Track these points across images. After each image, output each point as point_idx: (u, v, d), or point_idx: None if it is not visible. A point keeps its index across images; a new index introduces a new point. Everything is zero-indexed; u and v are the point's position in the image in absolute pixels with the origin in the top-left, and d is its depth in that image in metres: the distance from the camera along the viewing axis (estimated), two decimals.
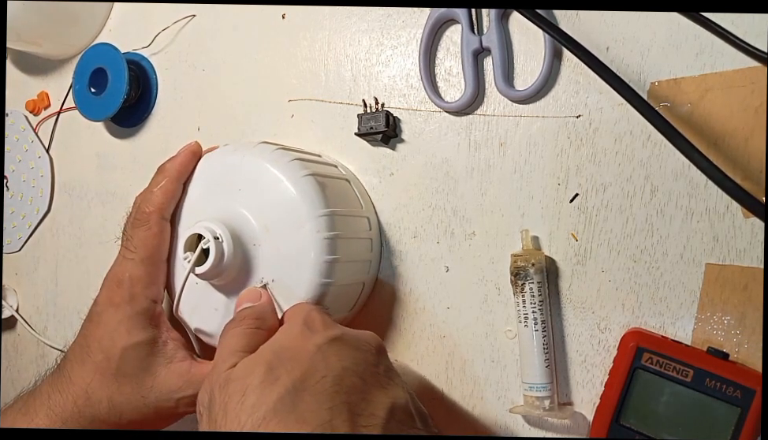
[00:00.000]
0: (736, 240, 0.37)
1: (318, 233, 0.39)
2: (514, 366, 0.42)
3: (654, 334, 0.38)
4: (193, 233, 0.39)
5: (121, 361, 0.40)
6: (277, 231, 0.40)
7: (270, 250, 0.40)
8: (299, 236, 0.39)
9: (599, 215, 0.40)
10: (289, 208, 0.39)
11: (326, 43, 0.50)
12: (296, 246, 0.39)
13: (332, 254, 0.39)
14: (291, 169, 0.40)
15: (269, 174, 0.40)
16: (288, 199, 0.39)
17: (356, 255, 0.43)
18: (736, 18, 0.36)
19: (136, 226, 0.42)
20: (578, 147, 0.41)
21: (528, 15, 0.38)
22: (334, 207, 0.40)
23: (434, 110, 0.45)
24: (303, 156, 0.43)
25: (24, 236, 0.64)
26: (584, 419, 0.40)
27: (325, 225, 0.39)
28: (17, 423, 0.41)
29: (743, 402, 0.35)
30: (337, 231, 0.40)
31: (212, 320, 0.42)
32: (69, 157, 0.63)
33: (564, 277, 0.41)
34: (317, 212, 0.39)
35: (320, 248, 0.39)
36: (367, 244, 0.45)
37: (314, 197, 0.40)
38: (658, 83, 0.38)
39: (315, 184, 0.40)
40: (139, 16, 0.59)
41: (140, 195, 0.44)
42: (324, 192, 0.40)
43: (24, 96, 0.65)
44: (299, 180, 0.40)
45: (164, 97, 0.57)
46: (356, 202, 0.45)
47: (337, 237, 0.40)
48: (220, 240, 0.38)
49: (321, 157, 0.46)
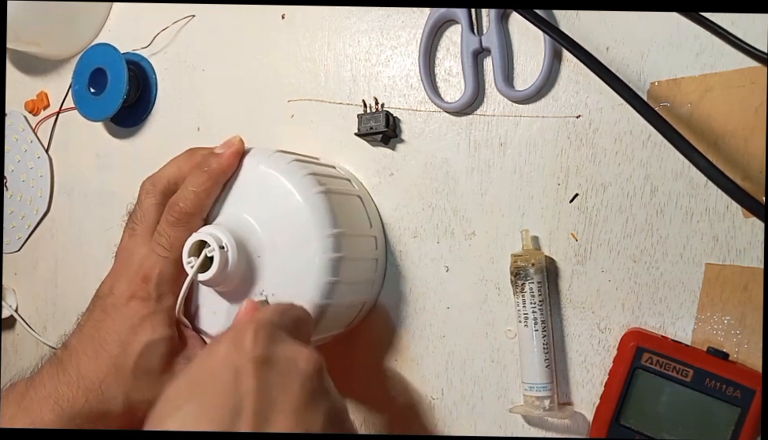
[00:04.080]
0: (736, 240, 0.37)
1: (324, 254, 0.39)
2: (514, 366, 0.42)
3: (654, 334, 0.38)
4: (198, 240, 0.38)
5: (141, 357, 0.39)
6: (283, 245, 0.39)
7: (274, 263, 0.39)
8: (304, 254, 0.39)
9: (599, 215, 0.40)
10: (298, 224, 0.39)
11: (326, 43, 0.50)
12: (300, 263, 0.39)
13: (335, 276, 0.39)
14: (304, 184, 0.40)
15: (282, 186, 0.40)
16: (298, 214, 0.39)
17: (360, 277, 0.43)
18: (736, 18, 0.36)
19: (174, 226, 0.41)
20: (578, 147, 0.41)
21: (528, 15, 0.38)
22: (343, 228, 0.40)
23: (434, 110, 0.45)
24: (318, 170, 0.42)
25: (24, 237, 0.64)
26: (584, 419, 0.40)
27: (331, 247, 0.39)
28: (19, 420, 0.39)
29: (743, 402, 0.35)
30: (342, 253, 0.39)
31: (211, 323, 0.42)
32: (69, 157, 0.63)
33: (564, 277, 0.41)
34: (325, 232, 0.39)
35: (323, 269, 0.39)
36: (372, 264, 0.45)
37: (324, 216, 0.39)
38: (657, 84, 0.38)
39: (326, 203, 0.40)
40: (138, 16, 0.59)
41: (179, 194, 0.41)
42: (334, 211, 0.40)
43: (23, 96, 0.65)
44: (311, 196, 0.39)
45: (164, 97, 0.57)
46: (365, 221, 0.44)
47: (342, 259, 0.39)
48: (225, 250, 0.38)
49: (336, 169, 0.46)
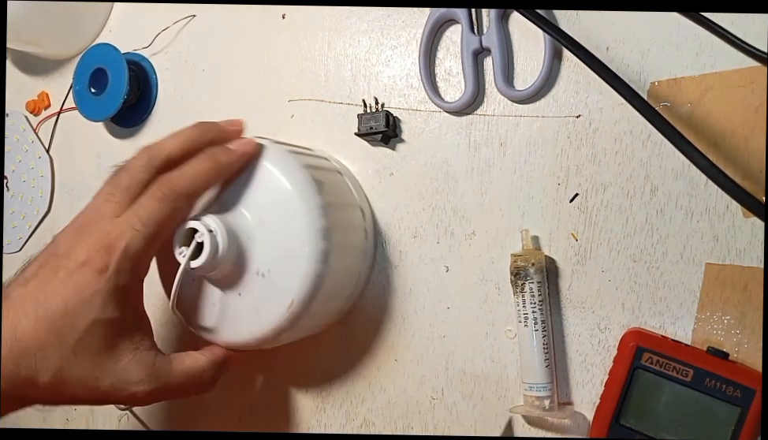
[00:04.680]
0: (736, 239, 0.37)
1: (313, 224, 0.39)
2: (514, 366, 0.42)
3: (654, 334, 0.38)
4: (188, 228, 0.39)
5: (86, 334, 0.36)
6: (271, 223, 0.40)
7: (265, 242, 0.40)
8: (293, 228, 0.39)
9: (599, 215, 0.40)
10: (283, 200, 0.40)
11: (326, 43, 0.50)
12: (290, 237, 0.39)
13: (327, 244, 0.40)
14: (284, 162, 0.41)
15: (262, 168, 0.41)
16: (281, 191, 0.40)
17: (351, 245, 0.44)
18: (736, 18, 0.36)
19: (160, 201, 0.38)
20: (578, 147, 0.41)
21: (528, 15, 0.38)
22: (328, 198, 0.41)
23: (434, 109, 0.45)
24: (296, 149, 0.43)
25: (24, 237, 0.64)
26: (584, 419, 0.40)
27: (319, 216, 0.40)
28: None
29: (743, 402, 0.35)
30: (331, 221, 0.40)
31: (210, 315, 0.42)
32: (69, 157, 0.63)
33: (564, 277, 0.41)
34: (311, 203, 0.40)
35: (315, 238, 0.39)
36: (362, 233, 0.45)
37: (307, 188, 0.40)
38: (658, 83, 0.38)
39: (307, 176, 0.40)
40: (139, 17, 0.59)
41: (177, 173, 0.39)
42: (317, 184, 0.41)
43: (24, 96, 0.65)
44: (292, 172, 0.40)
45: (164, 97, 0.57)
46: (348, 193, 0.45)
47: (331, 228, 0.40)
48: (214, 234, 0.38)
49: (312, 150, 0.47)
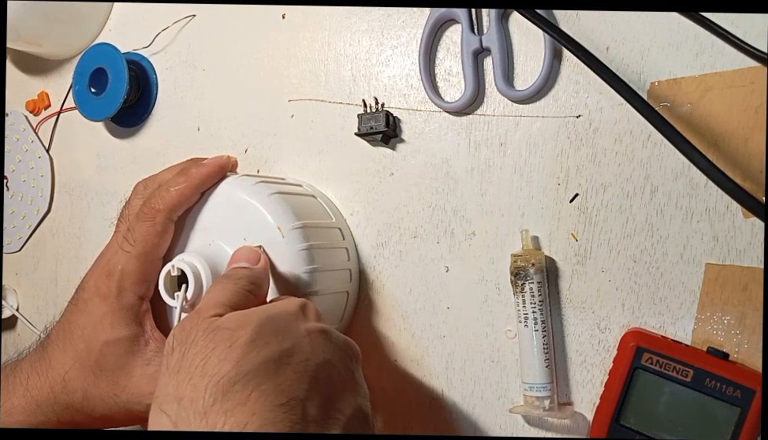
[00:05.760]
0: (736, 240, 0.37)
1: (294, 246, 0.40)
2: (514, 366, 0.42)
3: (654, 334, 0.38)
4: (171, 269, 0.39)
5: (101, 355, 0.39)
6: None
7: None
8: (276, 253, 0.40)
9: (599, 215, 0.40)
10: (261, 227, 0.40)
11: (326, 43, 0.50)
12: (275, 262, 0.40)
13: (310, 264, 0.40)
14: (257, 191, 0.41)
15: (236, 199, 0.41)
16: (258, 219, 0.40)
17: (335, 265, 0.44)
18: (736, 18, 0.36)
19: (141, 220, 0.41)
20: (578, 147, 0.41)
21: (528, 15, 0.38)
22: (305, 219, 0.41)
23: (434, 109, 0.45)
24: (267, 179, 0.44)
25: (24, 236, 0.64)
26: (584, 419, 0.40)
27: (299, 238, 0.40)
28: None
29: (743, 402, 0.35)
30: (311, 241, 0.41)
31: None
32: (69, 157, 0.63)
33: (564, 277, 0.41)
34: (289, 226, 0.40)
35: (298, 260, 0.40)
36: (343, 253, 0.46)
37: (283, 212, 0.40)
38: (657, 83, 0.38)
39: (281, 201, 0.41)
40: (139, 16, 0.59)
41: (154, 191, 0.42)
42: (292, 207, 0.41)
43: (24, 96, 0.65)
44: (265, 199, 0.41)
45: (164, 97, 0.57)
46: (325, 215, 0.46)
47: (312, 247, 0.41)
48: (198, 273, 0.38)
49: (285, 179, 0.48)
